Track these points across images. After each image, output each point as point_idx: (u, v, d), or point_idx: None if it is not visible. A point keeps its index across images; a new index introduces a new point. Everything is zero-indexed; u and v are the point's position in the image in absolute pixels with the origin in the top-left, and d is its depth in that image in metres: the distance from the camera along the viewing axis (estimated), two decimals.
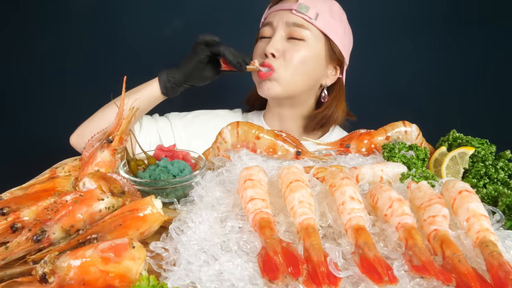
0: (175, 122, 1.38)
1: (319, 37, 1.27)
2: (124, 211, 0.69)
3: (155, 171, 0.88)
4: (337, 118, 1.37)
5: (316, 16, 1.25)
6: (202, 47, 1.20)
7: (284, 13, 1.26)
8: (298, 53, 1.24)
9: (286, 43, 1.25)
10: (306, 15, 1.24)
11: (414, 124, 1.07)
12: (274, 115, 1.40)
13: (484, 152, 0.94)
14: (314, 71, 1.29)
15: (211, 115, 1.45)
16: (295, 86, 1.28)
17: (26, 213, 0.71)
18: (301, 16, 1.24)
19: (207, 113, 1.46)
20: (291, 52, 1.24)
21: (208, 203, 0.79)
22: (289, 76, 1.25)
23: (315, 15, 1.25)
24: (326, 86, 1.36)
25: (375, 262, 0.58)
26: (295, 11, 1.24)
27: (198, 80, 1.25)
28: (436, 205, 0.68)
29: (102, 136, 0.93)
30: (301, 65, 1.25)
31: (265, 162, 1.02)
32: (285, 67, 1.24)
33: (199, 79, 1.25)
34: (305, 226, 0.66)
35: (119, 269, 0.59)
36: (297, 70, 1.25)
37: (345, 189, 0.71)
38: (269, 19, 1.30)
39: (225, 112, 1.49)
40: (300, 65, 1.25)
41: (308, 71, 1.27)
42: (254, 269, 0.61)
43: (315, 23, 1.25)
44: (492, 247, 0.60)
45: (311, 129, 1.40)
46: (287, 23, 1.25)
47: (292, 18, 1.25)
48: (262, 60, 1.26)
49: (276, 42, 1.25)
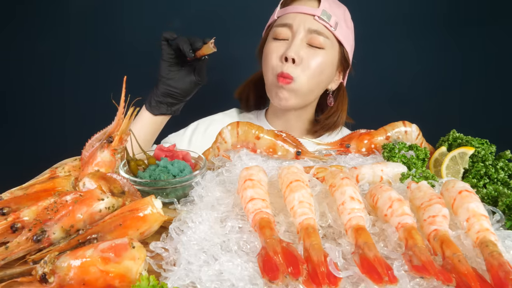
0: (178, 143, 1.37)
1: (335, 46, 1.26)
2: (124, 211, 0.69)
3: (155, 171, 0.88)
4: (342, 122, 1.39)
5: (336, 25, 1.23)
6: (164, 47, 1.17)
7: (305, 18, 1.22)
8: (317, 61, 1.22)
9: (306, 49, 1.22)
10: (328, 23, 1.22)
11: (414, 124, 1.07)
12: (278, 116, 1.39)
13: (484, 152, 0.94)
14: (327, 78, 1.29)
15: (208, 121, 1.45)
16: (311, 95, 1.29)
17: (26, 213, 0.71)
18: (323, 24, 1.22)
19: (203, 122, 1.45)
20: (310, 60, 1.21)
21: (208, 203, 0.79)
22: (306, 85, 1.23)
23: (335, 23, 1.23)
24: (332, 90, 1.37)
25: (375, 262, 0.58)
26: (318, 17, 1.21)
27: (178, 83, 1.20)
28: (436, 205, 0.68)
29: (102, 136, 0.92)
30: (319, 74, 1.24)
31: (265, 162, 1.02)
32: (304, 76, 1.21)
33: (178, 82, 1.20)
34: (305, 226, 0.66)
35: (119, 269, 0.59)
36: (315, 79, 1.24)
37: (345, 189, 0.71)
38: (288, 20, 1.25)
39: (220, 115, 1.48)
40: (318, 74, 1.23)
41: (323, 79, 1.27)
42: (254, 269, 0.61)
43: (335, 32, 1.23)
44: (492, 247, 0.60)
45: (315, 133, 1.41)
46: (309, 29, 1.22)
47: (314, 25, 1.22)
48: (281, 63, 1.22)
49: (298, 47, 1.21)
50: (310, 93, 1.27)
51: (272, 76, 1.25)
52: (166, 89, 1.20)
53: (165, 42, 1.17)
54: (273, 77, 1.25)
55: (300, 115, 1.36)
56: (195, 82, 1.22)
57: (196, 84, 1.23)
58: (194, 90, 1.24)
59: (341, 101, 1.39)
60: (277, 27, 1.27)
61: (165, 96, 1.21)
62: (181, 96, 1.23)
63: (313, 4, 1.25)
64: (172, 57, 1.18)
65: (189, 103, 1.30)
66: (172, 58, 1.18)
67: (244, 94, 1.47)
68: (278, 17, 1.30)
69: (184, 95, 1.23)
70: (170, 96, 1.21)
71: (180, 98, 1.23)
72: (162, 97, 1.21)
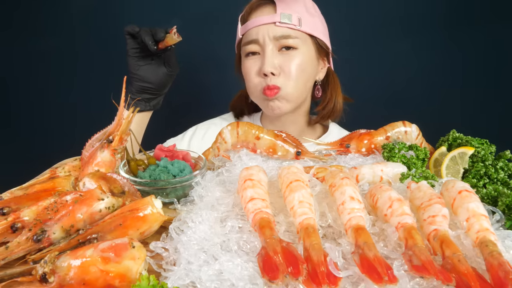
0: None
1: (307, 40, 1.24)
2: (124, 211, 0.69)
3: (155, 171, 0.88)
4: (340, 108, 1.37)
5: (299, 21, 1.21)
6: (128, 42, 1.13)
7: (267, 28, 1.20)
8: (295, 63, 1.21)
9: (280, 56, 1.21)
10: (290, 24, 1.19)
11: (414, 124, 1.07)
12: (274, 119, 1.39)
13: (484, 152, 0.94)
14: (311, 73, 1.29)
15: (206, 126, 1.44)
16: (301, 95, 1.28)
17: (26, 213, 0.71)
18: (286, 27, 1.19)
19: (201, 126, 1.45)
20: (289, 65, 1.20)
21: (208, 203, 0.79)
22: (294, 89, 1.22)
23: (298, 20, 1.20)
24: (320, 80, 1.36)
25: (375, 262, 0.58)
26: (279, 23, 1.19)
27: (150, 77, 1.16)
28: (436, 205, 0.68)
29: (102, 136, 0.92)
30: (301, 73, 1.23)
31: (265, 162, 1.02)
32: (288, 81, 1.21)
33: (150, 76, 1.16)
34: (305, 226, 0.66)
35: (119, 269, 0.59)
36: (299, 80, 1.23)
37: (345, 189, 0.71)
38: (252, 36, 1.23)
39: (218, 120, 1.48)
40: (300, 74, 1.23)
41: (308, 76, 1.26)
42: (254, 269, 0.61)
43: (301, 28, 1.21)
44: (492, 247, 0.60)
45: (315, 123, 1.41)
46: (274, 37, 1.20)
47: (278, 31, 1.20)
48: (262, 78, 1.21)
49: (271, 59, 1.19)
50: (300, 94, 1.27)
51: (258, 92, 1.25)
52: (139, 85, 1.17)
53: (129, 36, 1.13)
54: (259, 93, 1.24)
55: (295, 116, 1.36)
56: (168, 74, 1.19)
57: (169, 75, 1.19)
58: (169, 81, 1.21)
59: (333, 87, 1.37)
60: (245, 45, 1.25)
61: (140, 93, 1.18)
62: (156, 90, 1.20)
63: (270, 11, 1.22)
64: (138, 51, 1.14)
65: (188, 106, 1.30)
66: (137, 53, 1.14)
67: (238, 108, 1.47)
68: (242, 35, 1.28)
69: (159, 89, 1.20)
70: (145, 92, 1.18)
71: (156, 92, 1.20)
72: (137, 94, 1.18)
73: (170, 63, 1.18)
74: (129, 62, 1.15)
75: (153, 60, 1.17)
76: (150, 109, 1.23)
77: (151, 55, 1.15)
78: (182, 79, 1.27)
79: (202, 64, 1.86)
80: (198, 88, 1.89)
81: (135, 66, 1.15)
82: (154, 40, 1.09)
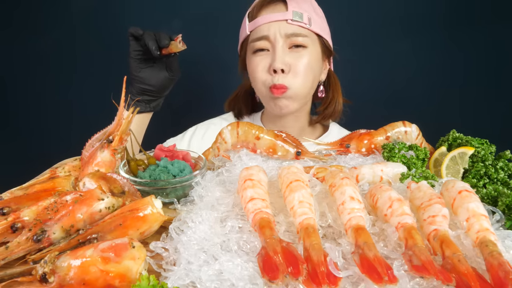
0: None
1: (315, 40, 1.26)
2: (124, 211, 0.69)
3: (155, 171, 0.88)
4: (340, 108, 1.38)
5: (309, 20, 1.22)
6: (131, 44, 1.13)
7: (279, 24, 1.21)
8: (304, 62, 1.22)
9: (290, 54, 1.21)
10: (302, 22, 1.20)
11: (414, 124, 1.07)
12: (275, 120, 1.39)
13: (484, 152, 0.94)
14: (318, 73, 1.30)
15: (206, 126, 1.44)
16: (308, 94, 1.29)
17: (26, 213, 0.71)
18: (297, 25, 1.20)
19: (201, 126, 1.45)
20: (298, 63, 1.21)
21: (208, 203, 0.79)
22: (301, 87, 1.23)
23: (308, 19, 1.22)
24: (323, 81, 1.37)
25: (375, 262, 0.58)
26: (291, 20, 1.20)
27: (151, 80, 1.16)
28: (436, 205, 0.68)
29: (102, 136, 0.92)
30: (310, 72, 1.23)
31: (265, 162, 1.02)
32: (296, 81, 1.21)
33: (151, 79, 1.16)
34: (305, 226, 0.66)
35: (119, 269, 0.59)
36: (308, 79, 1.23)
37: (345, 189, 0.71)
38: (262, 32, 1.22)
39: (218, 120, 1.48)
40: (309, 73, 1.23)
41: (314, 75, 1.27)
42: (254, 269, 0.61)
43: (311, 27, 1.23)
44: (492, 247, 0.60)
45: (315, 123, 1.42)
46: (286, 34, 1.20)
47: (290, 29, 1.20)
48: (270, 75, 1.21)
49: (282, 56, 1.19)
50: (307, 93, 1.28)
51: (265, 89, 1.24)
52: (140, 87, 1.18)
53: (132, 38, 1.12)
54: (266, 90, 1.24)
55: (297, 115, 1.37)
56: (169, 78, 1.19)
57: (170, 79, 1.20)
58: (169, 85, 1.21)
59: (335, 88, 1.39)
60: (254, 41, 1.25)
61: (141, 94, 1.19)
62: (156, 93, 1.20)
63: (281, 8, 1.23)
64: (140, 54, 1.14)
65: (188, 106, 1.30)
66: (140, 55, 1.14)
67: (236, 107, 1.47)
68: (250, 31, 1.27)
69: (159, 92, 1.20)
70: (146, 93, 1.19)
71: (156, 94, 1.21)
72: (137, 95, 1.19)
73: (172, 68, 1.18)
74: (131, 64, 1.16)
75: (155, 63, 1.17)
76: (150, 110, 1.24)
77: (153, 58, 1.15)
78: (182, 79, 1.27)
79: (202, 64, 1.86)
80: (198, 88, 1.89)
81: (137, 68, 1.16)
82: (158, 46, 1.09)
